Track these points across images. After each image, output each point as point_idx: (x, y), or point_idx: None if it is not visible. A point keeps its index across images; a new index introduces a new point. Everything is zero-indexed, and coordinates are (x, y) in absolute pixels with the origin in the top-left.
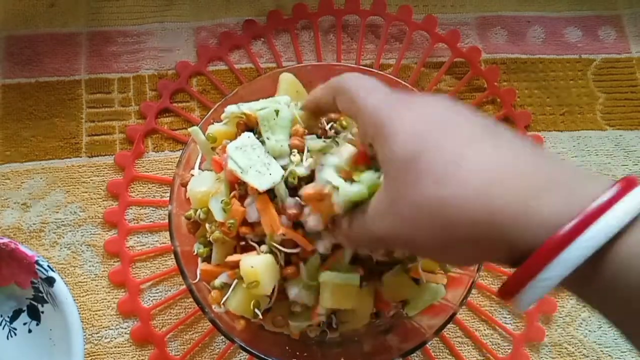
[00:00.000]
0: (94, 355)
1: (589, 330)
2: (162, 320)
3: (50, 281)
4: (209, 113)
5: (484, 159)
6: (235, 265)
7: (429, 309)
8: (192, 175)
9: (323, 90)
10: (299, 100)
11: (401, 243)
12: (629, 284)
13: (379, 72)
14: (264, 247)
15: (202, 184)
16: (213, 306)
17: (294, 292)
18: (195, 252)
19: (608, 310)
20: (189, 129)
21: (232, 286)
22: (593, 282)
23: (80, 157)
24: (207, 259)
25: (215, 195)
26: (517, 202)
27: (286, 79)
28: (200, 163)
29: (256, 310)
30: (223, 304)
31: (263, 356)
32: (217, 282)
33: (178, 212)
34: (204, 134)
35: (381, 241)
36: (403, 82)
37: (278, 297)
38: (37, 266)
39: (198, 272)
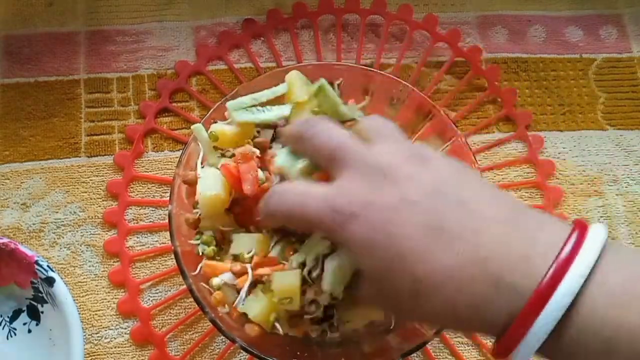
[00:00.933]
0: (94, 355)
1: None
2: (162, 320)
3: (50, 281)
4: (209, 112)
5: (439, 260)
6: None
7: None
8: (198, 176)
9: (268, 219)
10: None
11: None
12: (589, 338)
13: (379, 71)
14: (294, 262)
15: (212, 187)
16: (219, 308)
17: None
18: (201, 253)
19: None
20: (192, 127)
21: (245, 290)
22: (562, 343)
23: (80, 157)
24: (213, 258)
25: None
26: (492, 283)
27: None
28: (202, 162)
29: (276, 324)
30: (235, 307)
31: (264, 356)
32: (216, 281)
33: (178, 212)
34: (207, 132)
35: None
36: (404, 82)
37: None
38: (36, 266)
39: (199, 267)
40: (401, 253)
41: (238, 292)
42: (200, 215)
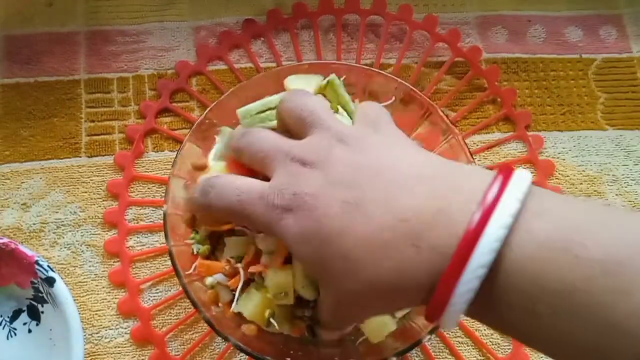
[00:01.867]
0: (94, 355)
1: None
2: (162, 320)
3: (50, 281)
4: (205, 112)
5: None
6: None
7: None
8: (209, 165)
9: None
10: None
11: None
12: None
13: (380, 71)
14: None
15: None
16: (212, 307)
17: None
18: (196, 252)
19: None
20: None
21: (239, 290)
22: (489, 299)
23: (80, 157)
24: (209, 257)
25: None
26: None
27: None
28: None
29: (272, 320)
30: (229, 306)
31: (259, 356)
32: (210, 280)
33: (173, 212)
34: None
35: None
36: (405, 83)
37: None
38: (37, 266)
39: (193, 266)
40: (328, 234)
41: (232, 291)
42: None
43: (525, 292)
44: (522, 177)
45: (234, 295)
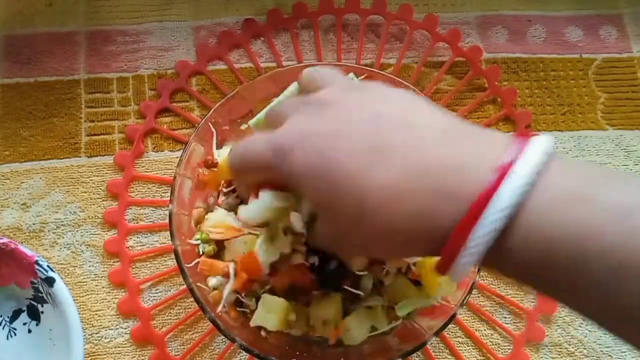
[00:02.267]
0: (94, 355)
1: (589, 330)
2: (162, 320)
3: (50, 281)
4: (210, 112)
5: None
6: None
7: (429, 310)
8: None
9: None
10: None
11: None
12: (535, 242)
13: (380, 71)
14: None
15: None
16: (217, 307)
17: None
18: (201, 252)
19: (528, 279)
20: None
21: (227, 292)
22: (509, 249)
23: (80, 157)
24: (214, 256)
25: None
26: (435, 192)
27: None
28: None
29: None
30: (234, 307)
31: (263, 356)
32: (213, 282)
33: (179, 211)
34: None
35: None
36: (405, 82)
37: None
38: (36, 266)
39: (194, 262)
40: (343, 175)
41: (237, 292)
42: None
43: (544, 240)
44: (544, 139)
45: (238, 297)
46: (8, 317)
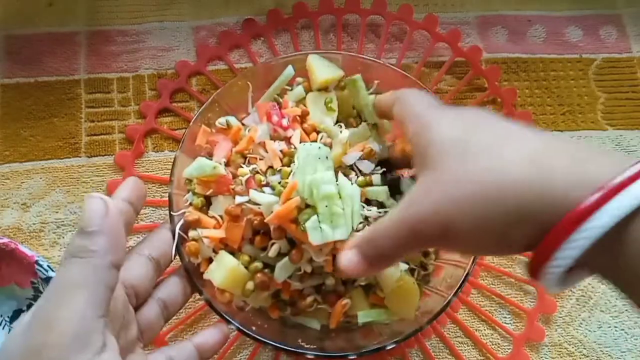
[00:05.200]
0: None
1: (589, 330)
2: None
3: (50, 281)
4: (213, 95)
5: (528, 138)
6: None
7: (423, 297)
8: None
9: (388, 97)
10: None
11: (437, 227)
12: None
13: (383, 62)
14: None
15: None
16: (191, 258)
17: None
18: (189, 203)
19: (625, 285)
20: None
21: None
22: (613, 255)
23: (80, 157)
24: (201, 210)
25: None
26: (564, 168)
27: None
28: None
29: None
30: (207, 263)
31: (260, 337)
32: (193, 233)
33: (178, 192)
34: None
35: (411, 234)
36: (411, 76)
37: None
38: (37, 266)
39: (182, 211)
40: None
41: (213, 250)
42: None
43: None
44: None
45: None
46: (8, 317)
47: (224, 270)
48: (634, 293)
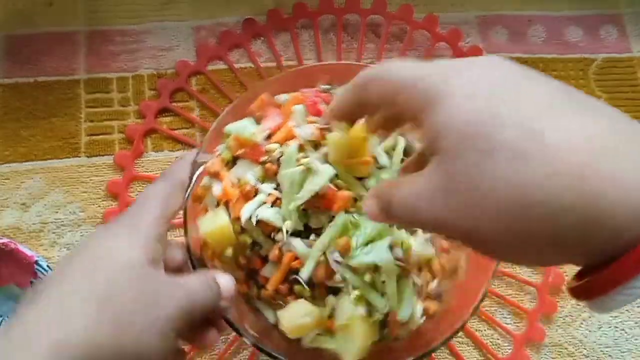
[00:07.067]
0: None
1: (589, 330)
2: None
3: None
4: (240, 96)
5: (572, 132)
6: None
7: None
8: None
9: (346, 92)
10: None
11: (457, 234)
12: None
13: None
14: None
15: None
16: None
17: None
18: (218, 154)
19: None
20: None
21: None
22: None
23: (80, 157)
24: (227, 165)
25: None
26: (620, 185)
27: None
28: None
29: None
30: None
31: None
32: (206, 180)
33: (212, 142)
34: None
35: (428, 227)
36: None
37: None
38: (36, 266)
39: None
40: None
41: (217, 204)
42: None
43: None
44: None
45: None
46: (8, 317)
47: (214, 223)
48: None
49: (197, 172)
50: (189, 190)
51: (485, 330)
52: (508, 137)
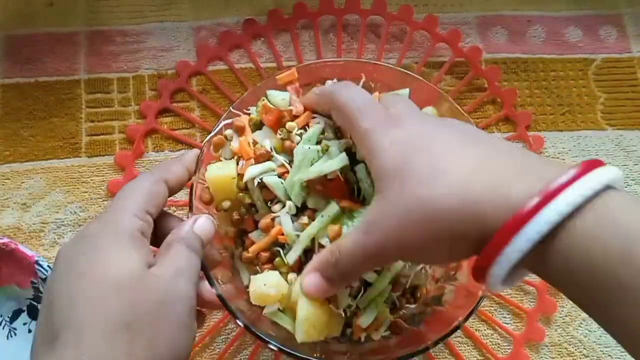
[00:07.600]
0: None
1: (589, 330)
2: None
3: None
4: (243, 95)
5: (462, 159)
6: None
7: (436, 318)
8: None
9: (320, 99)
10: None
11: (393, 248)
12: (576, 265)
13: (383, 64)
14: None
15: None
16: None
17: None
18: (250, 113)
19: (565, 290)
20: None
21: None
22: (549, 262)
23: (80, 157)
24: (257, 126)
25: None
26: (490, 190)
27: None
28: None
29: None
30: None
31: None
32: (229, 132)
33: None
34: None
35: (373, 258)
36: (410, 73)
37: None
38: (37, 266)
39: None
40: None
41: (232, 157)
42: None
43: (578, 269)
44: (611, 169)
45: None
46: (8, 317)
47: (221, 171)
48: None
49: (221, 124)
50: (201, 155)
51: (484, 330)
52: (416, 171)
